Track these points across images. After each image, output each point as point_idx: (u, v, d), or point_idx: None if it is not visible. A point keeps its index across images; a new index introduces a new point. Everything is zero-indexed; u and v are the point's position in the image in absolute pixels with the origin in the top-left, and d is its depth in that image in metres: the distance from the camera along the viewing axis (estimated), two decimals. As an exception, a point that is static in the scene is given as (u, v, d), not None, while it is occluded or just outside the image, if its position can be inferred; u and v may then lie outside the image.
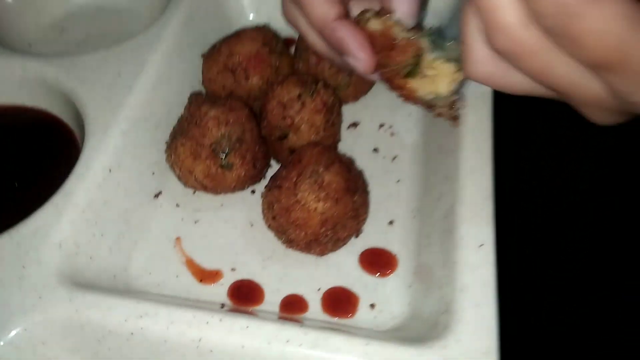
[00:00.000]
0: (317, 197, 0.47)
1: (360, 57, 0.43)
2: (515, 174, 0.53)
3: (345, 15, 0.46)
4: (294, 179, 0.47)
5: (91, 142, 0.52)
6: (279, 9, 0.72)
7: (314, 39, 0.48)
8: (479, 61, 0.34)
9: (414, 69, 0.42)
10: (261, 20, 0.72)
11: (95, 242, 0.49)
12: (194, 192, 0.57)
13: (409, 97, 0.44)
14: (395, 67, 0.42)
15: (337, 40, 0.44)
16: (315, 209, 0.47)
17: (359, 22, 0.44)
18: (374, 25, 0.43)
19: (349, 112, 0.63)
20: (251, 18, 0.72)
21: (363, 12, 0.44)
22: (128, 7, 0.75)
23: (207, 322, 0.41)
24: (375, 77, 0.45)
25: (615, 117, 0.34)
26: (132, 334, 0.41)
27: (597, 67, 0.30)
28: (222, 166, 0.51)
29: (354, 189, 0.49)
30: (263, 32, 0.60)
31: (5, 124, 0.60)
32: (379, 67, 0.44)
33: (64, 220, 0.47)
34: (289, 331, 0.40)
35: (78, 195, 0.48)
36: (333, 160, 0.48)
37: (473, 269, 0.42)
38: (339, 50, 0.45)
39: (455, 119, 0.44)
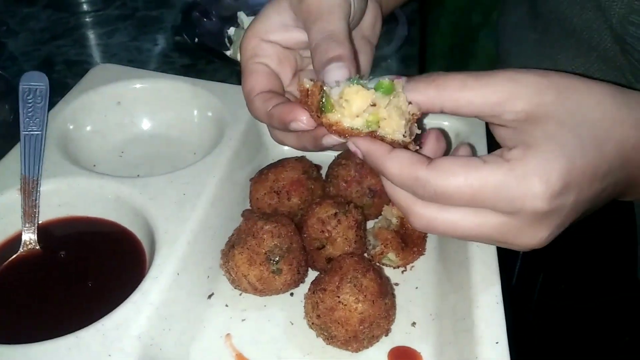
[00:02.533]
0: (356, 298, 0.56)
1: (299, 118, 0.50)
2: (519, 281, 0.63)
3: (277, 102, 0.55)
4: (337, 283, 0.57)
5: (163, 250, 0.62)
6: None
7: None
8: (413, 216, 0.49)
9: (325, 103, 0.48)
10: (294, 150, 0.86)
11: (164, 335, 0.56)
12: (240, 294, 0.66)
13: (341, 132, 0.48)
14: (313, 109, 0.49)
15: (277, 119, 0.53)
16: (356, 309, 0.56)
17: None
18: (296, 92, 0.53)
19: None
20: (286, 149, 0.86)
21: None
22: (180, 136, 0.89)
23: (271, 405, 0.48)
24: (322, 132, 0.52)
25: (538, 230, 0.46)
26: (206, 415, 0.48)
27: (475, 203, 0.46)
28: (272, 272, 0.61)
29: (385, 292, 0.59)
30: (302, 162, 0.73)
31: (81, 233, 0.70)
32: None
33: (142, 316, 0.55)
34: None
35: (153, 294, 0.57)
36: (368, 268, 0.59)
37: (491, 361, 0.50)
38: (284, 125, 0.52)
39: (409, 143, 0.48)
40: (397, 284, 0.68)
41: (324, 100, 0.48)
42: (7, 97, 0.85)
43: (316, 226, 0.65)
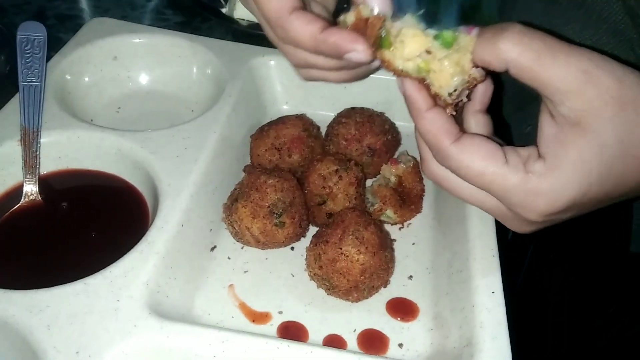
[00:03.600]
0: (358, 250, 0.58)
1: (359, 49, 0.46)
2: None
3: (324, 25, 0.48)
4: (339, 236, 0.59)
5: (167, 202, 0.62)
6: (307, 101, 0.87)
7: (315, 60, 0.52)
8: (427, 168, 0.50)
9: (384, 39, 0.46)
10: (292, 109, 0.87)
11: (170, 284, 0.58)
12: (242, 248, 0.68)
13: (393, 71, 0.47)
14: (370, 41, 0.46)
15: (332, 46, 0.47)
16: (357, 260, 0.58)
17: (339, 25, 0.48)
18: (350, 18, 0.48)
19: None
20: (285, 107, 0.87)
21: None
22: (176, 93, 0.88)
23: (278, 348, 0.50)
24: (376, 63, 0.49)
25: (525, 227, 0.48)
26: (214, 356, 0.50)
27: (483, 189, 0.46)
28: (275, 224, 0.62)
29: (385, 245, 0.61)
30: (303, 120, 0.74)
31: (84, 185, 0.70)
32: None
33: (149, 264, 0.56)
34: (339, 355, 0.50)
35: (159, 244, 0.58)
36: (369, 222, 0.60)
37: (489, 310, 0.53)
38: (338, 54, 0.48)
39: (450, 105, 0.46)
40: (394, 240, 0.69)
41: (382, 35, 0.45)
42: (2, 49, 0.84)
43: (317, 182, 0.66)
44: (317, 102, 0.87)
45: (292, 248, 0.68)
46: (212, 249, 0.67)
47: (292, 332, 0.59)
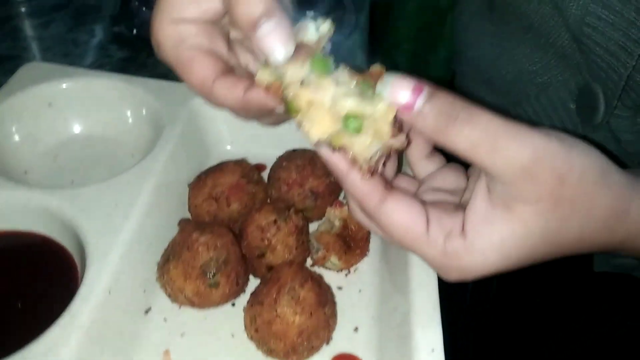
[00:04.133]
0: (294, 311, 0.55)
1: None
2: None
3: (247, 85, 0.49)
4: (274, 295, 0.56)
5: (93, 266, 0.59)
6: (253, 140, 0.85)
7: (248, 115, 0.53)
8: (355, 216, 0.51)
9: (290, 104, 0.44)
10: (237, 149, 0.84)
11: (97, 359, 0.54)
12: (180, 307, 0.64)
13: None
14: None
15: (258, 106, 0.48)
16: (293, 322, 0.55)
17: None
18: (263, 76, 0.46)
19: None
20: (229, 148, 0.84)
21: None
22: (116, 137, 0.85)
23: None
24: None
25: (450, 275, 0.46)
26: None
27: None
28: (209, 285, 0.59)
29: (324, 302, 0.58)
30: (242, 166, 0.71)
31: (9, 249, 0.66)
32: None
33: (71, 340, 0.53)
34: None
35: (82, 316, 0.55)
36: (306, 278, 0.57)
37: (426, 371, 0.50)
38: (267, 110, 0.49)
39: (367, 171, 0.43)
40: (340, 288, 0.67)
41: (288, 99, 0.43)
42: None
43: (255, 234, 0.64)
44: (264, 141, 0.84)
45: (233, 304, 0.65)
46: (147, 311, 0.64)
47: (230, 400, 0.56)
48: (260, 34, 0.45)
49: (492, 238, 0.41)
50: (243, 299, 0.64)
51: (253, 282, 0.66)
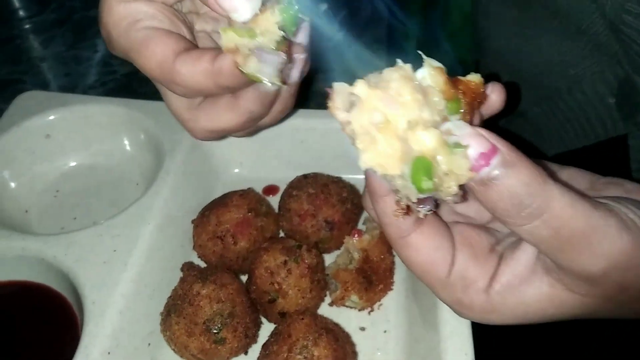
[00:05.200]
0: (308, 373, 0.49)
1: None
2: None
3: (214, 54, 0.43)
4: (285, 355, 0.50)
5: (90, 326, 0.54)
6: (262, 160, 0.79)
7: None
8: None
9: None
10: (246, 172, 0.78)
11: None
12: None
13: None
14: None
15: (227, 76, 0.43)
16: (308, 384, 0.49)
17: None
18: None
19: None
20: (237, 171, 0.78)
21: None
22: (117, 165, 0.80)
23: None
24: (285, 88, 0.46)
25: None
26: None
27: None
28: (215, 342, 0.54)
29: (342, 357, 0.52)
30: (248, 198, 0.65)
31: (8, 299, 0.62)
32: None
33: (65, 417, 0.48)
34: None
35: (78, 386, 0.50)
36: (320, 333, 0.51)
37: None
38: (236, 83, 0.43)
39: (402, 210, 0.38)
40: (363, 329, 0.61)
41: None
42: None
43: (264, 277, 0.58)
44: (273, 162, 0.78)
45: (246, 353, 0.60)
46: (153, 366, 0.59)
47: None
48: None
49: (517, 308, 0.38)
50: (257, 347, 0.59)
51: (268, 327, 0.60)
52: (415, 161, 0.33)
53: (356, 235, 0.63)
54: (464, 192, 0.36)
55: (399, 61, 0.35)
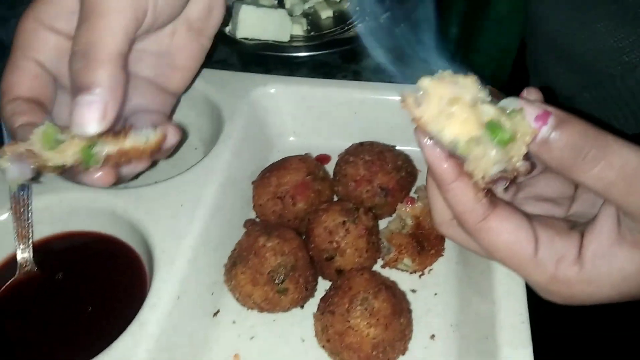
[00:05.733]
0: (368, 323, 0.52)
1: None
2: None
3: None
4: (346, 306, 0.53)
5: (161, 272, 0.58)
6: (316, 130, 0.81)
7: None
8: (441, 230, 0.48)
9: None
10: (300, 140, 0.81)
11: (167, 368, 0.54)
12: (248, 309, 0.63)
13: (424, 131, 0.41)
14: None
15: None
16: (368, 334, 0.52)
17: None
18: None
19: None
20: (292, 140, 0.81)
21: None
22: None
23: None
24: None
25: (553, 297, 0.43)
26: None
27: None
28: (278, 291, 0.57)
29: (399, 312, 0.54)
30: (306, 162, 0.68)
31: (79, 249, 0.67)
32: None
33: (141, 350, 0.52)
34: None
35: (152, 324, 0.54)
36: (379, 287, 0.54)
37: (517, 394, 0.46)
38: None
39: (480, 189, 0.40)
40: (414, 291, 0.63)
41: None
42: None
43: (323, 236, 0.60)
44: (327, 131, 0.80)
45: (302, 307, 0.63)
46: (215, 314, 0.62)
47: (303, 411, 0.54)
48: (80, 100, 0.44)
49: (613, 273, 0.37)
50: (312, 301, 0.62)
51: (322, 284, 0.63)
52: (488, 122, 0.37)
53: (409, 203, 0.66)
54: (530, 161, 0.38)
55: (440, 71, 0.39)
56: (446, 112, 0.38)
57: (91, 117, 0.44)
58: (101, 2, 0.44)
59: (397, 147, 0.72)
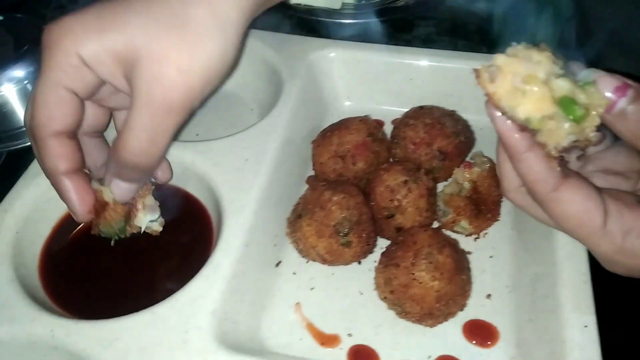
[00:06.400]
0: (433, 276, 0.54)
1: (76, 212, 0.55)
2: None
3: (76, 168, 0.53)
4: (411, 259, 0.55)
5: (230, 220, 0.60)
6: (370, 95, 0.82)
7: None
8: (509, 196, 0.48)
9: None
10: (355, 105, 0.82)
11: (237, 309, 0.56)
12: (307, 262, 0.65)
13: (495, 105, 0.42)
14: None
15: (62, 192, 0.53)
16: (432, 287, 0.54)
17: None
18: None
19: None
20: (347, 104, 0.82)
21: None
22: (234, 91, 0.85)
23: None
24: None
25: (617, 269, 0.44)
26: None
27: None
28: (342, 244, 0.59)
29: (462, 268, 0.56)
30: (367, 123, 0.69)
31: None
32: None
33: (215, 291, 0.55)
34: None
35: (224, 268, 0.57)
36: (444, 244, 0.56)
37: (581, 348, 0.48)
38: (65, 200, 0.54)
39: (553, 158, 0.42)
40: (469, 253, 0.65)
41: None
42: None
43: (385, 194, 0.62)
44: (381, 97, 0.82)
45: (359, 262, 0.65)
46: (277, 264, 0.65)
47: (363, 357, 0.57)
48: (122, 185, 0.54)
49: None
50: (369, 258, 0.64)
51: (379, 242, 0.65)
52: (562, 99, 0.39)
53: (466, 167, 0.67)
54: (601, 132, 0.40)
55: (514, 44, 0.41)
56: (520, 90, 0.39)
57: (128, 195, 0.56)
58: (159, 113, 0.48)
59: (454, 114, 0.73)
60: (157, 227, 0.61)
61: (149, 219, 0.59)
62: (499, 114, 0.42)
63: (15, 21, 0.80)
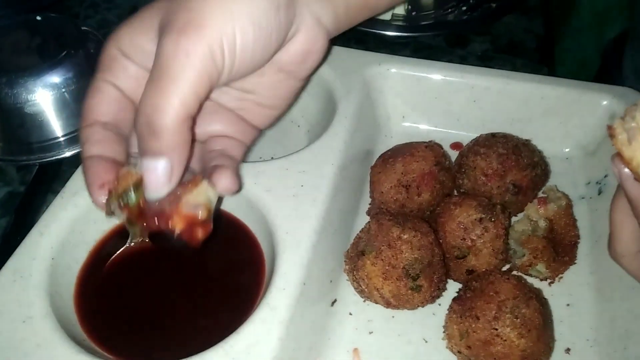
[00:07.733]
0: (519, 333, 0.48)
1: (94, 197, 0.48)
2: None
3: None
4: (493, 312, 0.49)
5: (286, 254, 0.55)
6: (427, 116, 0.77)
7: None
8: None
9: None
10: (410, 126, 0.77)
11: (294, 357, 0.51)
12: (364, 301, 0.59)
13: (629, 167, 0.39)
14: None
15: (88, 174, 0.48)
16: (518, 345, 0.48)
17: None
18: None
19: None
20: (401, 124, 0.76)
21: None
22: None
23: None
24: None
25: None
26: None
27: None
28: (411, 288, 0.53)
29: (548, 323, 0.50)
30: (434, 150, 0.63)
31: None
32: None
33: (273, 337, 0.49)
34: None
35: (282, 310, 0.51)
36: (531, 296, 0.50)
37: None
38: (87, 185, 0.49)
39: None
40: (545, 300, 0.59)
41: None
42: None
43: (457, 232, 0.56)
44: (440, 119, 0.76)
45: (423, 305, 0.59)
46: (333, 303, 0.59)
47: (432, 416, 0.51)
48: (146, 165, 0.45)
49: None
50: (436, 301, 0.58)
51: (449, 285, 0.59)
52: None
53: (541, 203, 0.61)
54: None
55: None
56: None
57: (157, 182, 0.45)
58: (173, 65, 0.43)
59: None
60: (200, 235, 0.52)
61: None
62: (627, 170, 0.37)
63: (53, 21, 0.75)
